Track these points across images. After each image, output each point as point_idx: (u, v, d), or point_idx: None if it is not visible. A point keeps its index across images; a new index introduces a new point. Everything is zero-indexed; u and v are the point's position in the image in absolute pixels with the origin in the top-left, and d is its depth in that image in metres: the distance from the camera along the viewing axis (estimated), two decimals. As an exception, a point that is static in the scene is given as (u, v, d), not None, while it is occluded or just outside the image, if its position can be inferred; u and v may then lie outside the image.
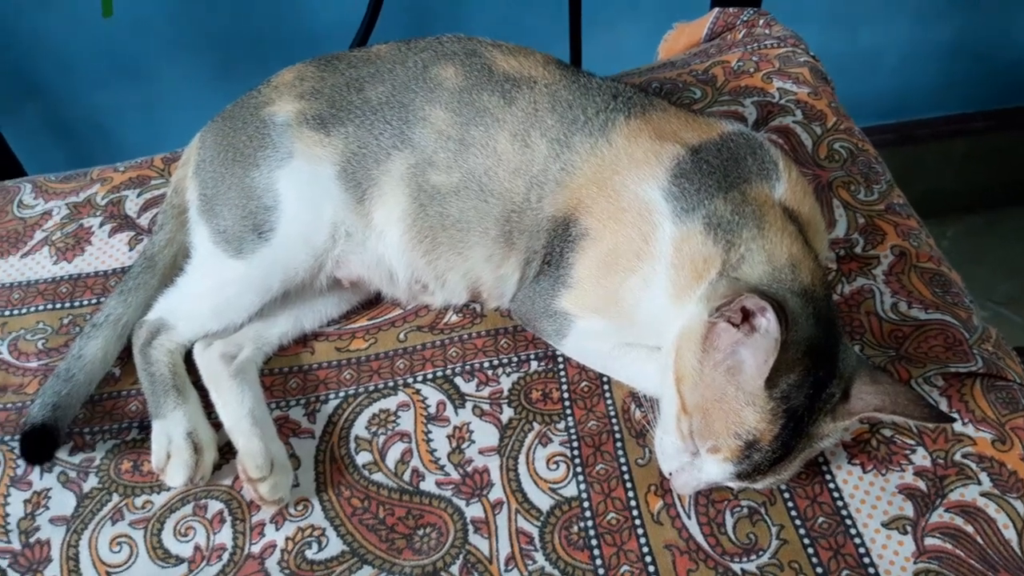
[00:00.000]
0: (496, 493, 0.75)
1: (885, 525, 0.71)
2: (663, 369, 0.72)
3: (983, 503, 0.72)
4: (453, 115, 0.82)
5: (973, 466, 0.74)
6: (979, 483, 0.73)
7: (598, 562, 0.70)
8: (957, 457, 0.74)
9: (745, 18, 1.18)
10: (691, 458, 0.70)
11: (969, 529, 0.70)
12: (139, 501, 0.77)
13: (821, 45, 1.74)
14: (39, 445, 0.78)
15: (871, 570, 0.69)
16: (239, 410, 0.78)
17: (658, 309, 0.74)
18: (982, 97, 1.96)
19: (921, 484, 0.73)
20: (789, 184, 0.76)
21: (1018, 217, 2.13)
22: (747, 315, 0.65)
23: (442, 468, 0.77)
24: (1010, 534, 0.70)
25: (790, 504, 0.73)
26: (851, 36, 1.78)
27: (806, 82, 1.06)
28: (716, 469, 0.68)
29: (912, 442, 0.75)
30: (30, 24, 1.51)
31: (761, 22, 1.17)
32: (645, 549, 0.71)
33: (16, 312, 0.93)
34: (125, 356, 0.86)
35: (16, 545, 0.75)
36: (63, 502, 0.77)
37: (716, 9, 1.20)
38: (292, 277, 0.83)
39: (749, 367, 0.65)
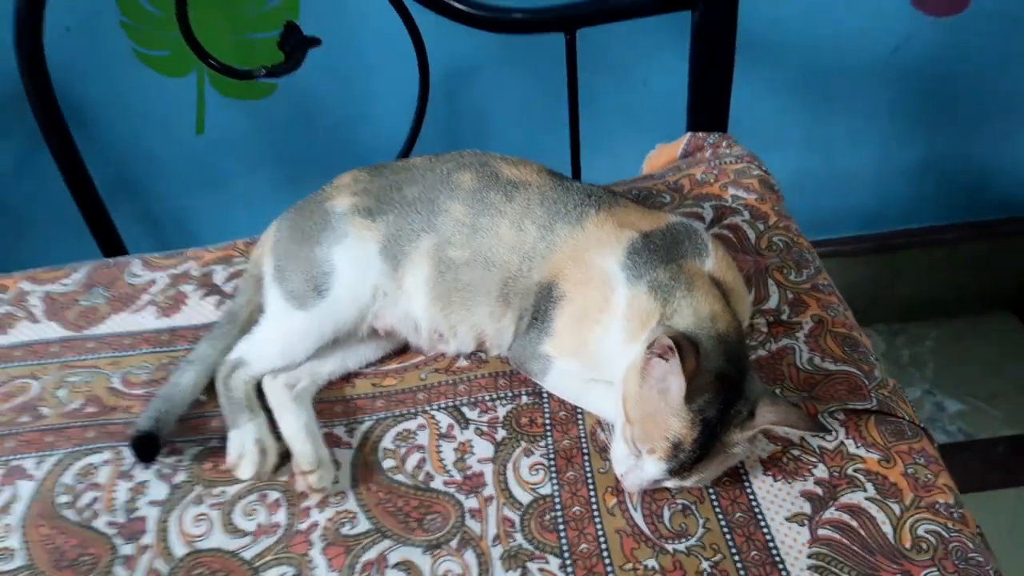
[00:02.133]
0: (489, 491, 0.97)
1: (787, 519, 0.91)
2: (616, 395, 0.95)
3: (867, 505, 0.91)
4: (468, 208, 1.10)
5: (862, 478, 0.94)
6: (865, 491, 0.93)
7: (563, 541, 0.92)
8: (850, 471, 0.95)
9: (711, 140, 1.46)
10: (636, 460, 0.92)
11: (854, 524, 0.90)
12: (216, 491, 1.01)
13: (799, 167, 2.03)
14: (146, 447, 1.03)
15: (774, 551, 0.88)
16: (296, 423, 1.03)
17: (614, 351, 0.97)
18: (954, 210, 2.16)
19: (819, 490, 0.93)
20: (716, 260, 1.01)
21: (996, 321, 2.32)
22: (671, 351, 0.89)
23: (448, 472, 1.00)
24: (887, 528, 0.89)
25: (715, 503, 0.94)
26: (827, 159, 2.03)
27: (755, 190, 1.32)
28: (654, 467, 0.90)
29: (814, 459, 0.96)
30: (133, 134, 1.86)
31: (724, 144, 1.45)
32: (600, 533, 0.92)
33: (127, 353, 1.20)
34: (209, 388, 1.12)
35: (121, 519, 0.99)
36: (159, 489, 1.01)
37: (689, 133, 1.48)
38: (342, 327, 1.09)
39: (674, 388, 0.88)
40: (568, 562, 0.90)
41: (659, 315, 0.95)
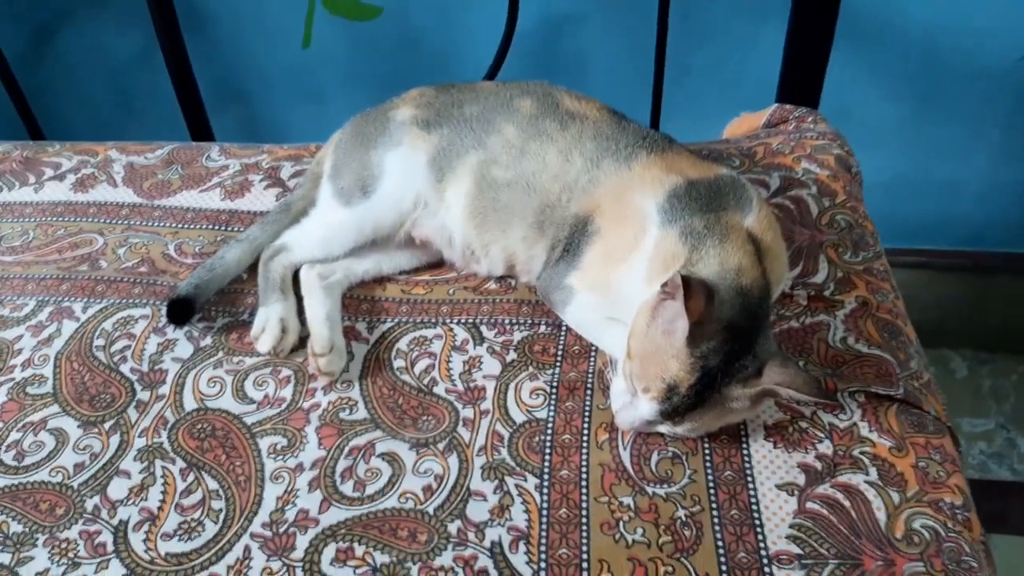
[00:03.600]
0: (486, 405, 0.98)
1: (778, 486, 0.88)
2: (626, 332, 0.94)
3: (865, 488, 0.87)
4: (520, 132, 1.10)
5: (867, 461, 0.90)
6: (867, 474, 0.89)
7: (546, 464, 0.92)
8: (856, 453, 0.91)
9: (798, 114, 1.40)
10: (631, 398, 0.91)
11: (847, 504, 0.86)
12: (236, 359, 1.06)
13: (898, 167, 1.93)
14: (181, 311, 1.09)
15: (755, 514, 0.86)
16: (319, 309, 1.06)
17: (635, 291, 0.96)
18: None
19: (818, 464, 0.90)
20: (757, 217, 0.97)
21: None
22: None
23: (453, 381, 1.02)
24: (881, 516, 0.85)
25: (708, 457, 0.91)
26: (930, 164, 1.92)
27: (829, 167, 1.26)
28: (647, 407, 0.88)
29: (822, 435, 0.92)
30: (243, 43, 1.94)
31: (810, 119, 1.39)
32: (584, 463, 0.91)
33: (186, 226, 1.27)
34: (252, 269, 1.17)
35: (145, 368, 1.05)
36: (185, 349, 1.07)
37: (776, 104, 1.43)
38: (380, 228, 1.12)
39: (679, 330, 0.86)
40: (545, 483, 0.90)
41: (684, 260, 0.93)
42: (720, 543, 0.84)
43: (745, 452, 0.92)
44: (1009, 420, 2.02)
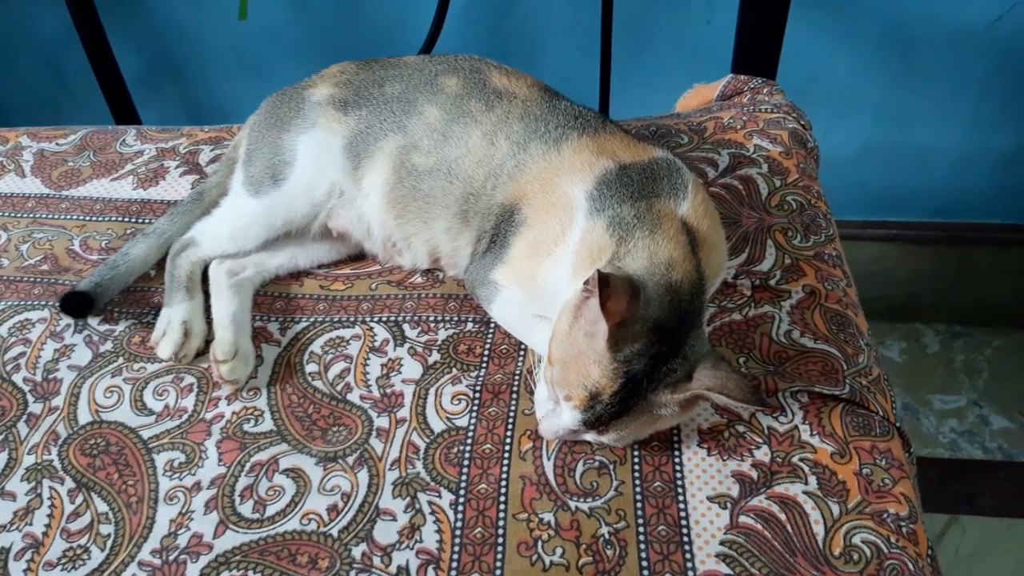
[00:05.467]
0: (403, 412, 0.91)
1: (710, 498, 0.81)
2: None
3: (803, 499, 0.81)
4: (444, 113, 1.01)
5: (806, 469, 0.83)
6: (806, 483, 0.82)
7: (463, 477, 0.85)
8: (795, 459, 0.84)
9: (753, 85, 1.32)
10: (554, 406, 0.83)
11: (782, 517, 0.80)
12: (136, 366, 0.98)
13: (871, 137, 1.84)
14: (76, 305, 1.01)
15: (684, 530, 0.79)
16: (225, 310, 0.98)
17: (559, 286, 0.88)
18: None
19: (753, 473, 0.83)
20: (693, 204, 0.89)
21: (1070, 340, 2.09)
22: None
23: (368, 387, 0.94)
24: (819, 530, 0.79)
25: (636, 466, 0.85)
26: (904, 132, 1.84)
27: (782, 143, 1.18)
28: (569, 416, 0.81)
29: (760, 440, 0.86)
30: (177, 17, 1.83)
31: (765, 90, 1.30)
32: (504, 476, 0.84)
33: (94, 219, 1.18)
34: (161, 264, 1.08)
35: (39, 377, 0.97)
36: (82, 355, 0.99)
37: (730, 75, 1.34)
38: (292, 219, 1.04)
39: (601, 333, 0.79)
40: (461, 500, 0.83)
41: (611, 253, 0.85)
42: (645, 563, 0.77)
43: (677, 460, 0.85)
44: (982, 396, 1.96)
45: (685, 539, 0.79)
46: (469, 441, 0.88)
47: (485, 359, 0.96)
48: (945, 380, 1.99)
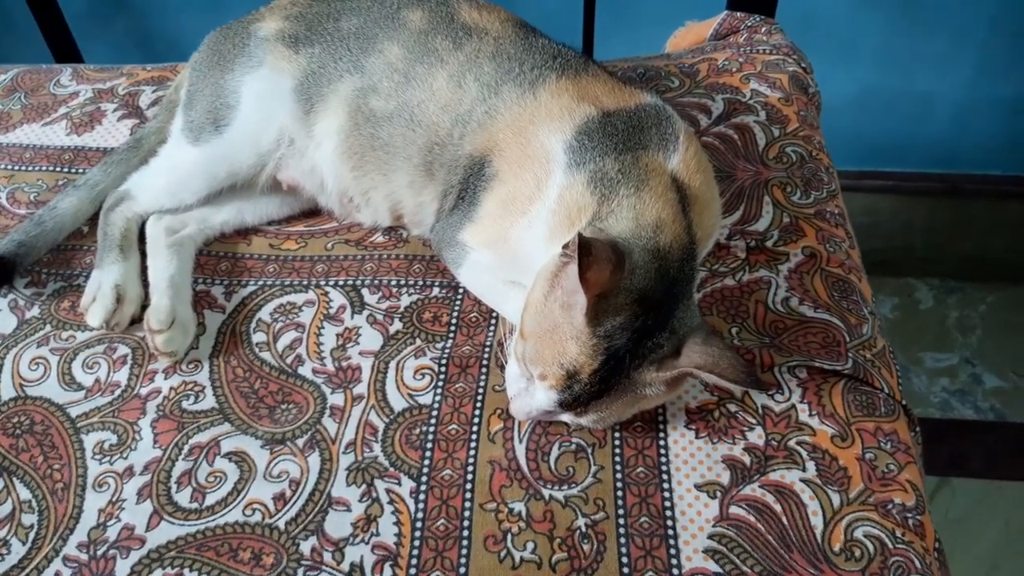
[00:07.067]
0: (360, 389, 0.82)
1: (697, 486, 0.74)
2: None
3: (800, 488, 0.73)
4: (406, 52, 0.90)
5: (804, 453, 0.75)
6: (803, 470, 0.74)
7: (426, 462, 0.76)
8: (791, 443, 0.76)
9: (750, 23, 1.21)
10: (527, 384, 0.75)
11: (777, 508, 0.72)
12: (65, 334, 0.88)
13: (869, 82, 1.74)
14: (-4, 272, 0.91)
15: (669, 522, 0.72)
16: (162, 273, 0.89)
17: (534, 249, 0.79)
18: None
19: (746, 458, 0.75)
20: (684, 158, 0.80)
21: (1066, 295, 2.03)
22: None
23: (322, 359, 0.85)
24: (817, 521, 0.71)
25: (617, 450, 0.77)
26: (903, 78, 1.74)
27: (781, 88, 1.08)
28: (543, 396, 0.73)
29: (753, 420, 0.78)
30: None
31: (763, 29, 1.19)
32: (471, 460, 0.76)
33: (23, 168, 1.06)
34: (94, 220, 0.98)
35: (-43, 349, 0.88)
36: (7, 322, 0.90)
37: (725, 12, 1.23)
38: (237, 170, 0.93)
39: (580, 305, 0.70)
40: (423, 488, 0.75)
41: (592, 213, 0.76)
42: (625, 559, 0.70)
43: (662, 444, 0.77)
44: (975, 354, 1.90)
45: (670, 532, 0.71)
46: (433, 421, 0.79)
47: (452, 329, 0.87)
48: (938, 337, 1.92)
